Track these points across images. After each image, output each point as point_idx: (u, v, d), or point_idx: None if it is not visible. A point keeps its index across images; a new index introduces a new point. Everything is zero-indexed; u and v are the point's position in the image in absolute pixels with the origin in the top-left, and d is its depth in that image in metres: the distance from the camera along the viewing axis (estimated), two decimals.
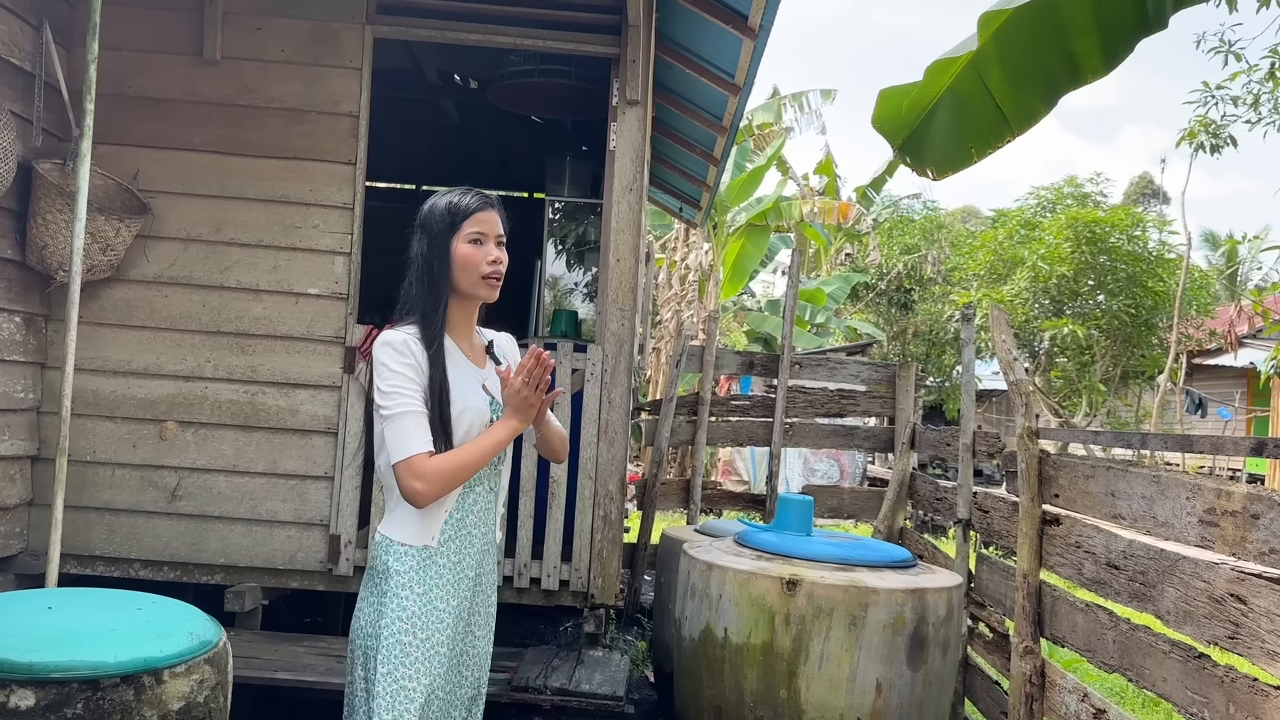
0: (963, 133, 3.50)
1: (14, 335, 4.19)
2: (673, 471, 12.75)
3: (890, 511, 5.44)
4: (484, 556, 2.40)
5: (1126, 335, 15.78)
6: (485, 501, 2.37)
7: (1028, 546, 3.37)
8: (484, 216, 2.29)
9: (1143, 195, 40.89)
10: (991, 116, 3.42)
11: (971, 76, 3.34)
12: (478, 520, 2.35)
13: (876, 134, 3.69)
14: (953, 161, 3.60)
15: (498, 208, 2.34)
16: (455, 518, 2.31)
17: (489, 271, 2.28)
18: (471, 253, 2.27)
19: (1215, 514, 2.43)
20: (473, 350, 2.39)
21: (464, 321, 2.36)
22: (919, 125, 3.56)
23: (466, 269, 2.27)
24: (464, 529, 2.32)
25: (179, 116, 4.52)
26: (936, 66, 3.35)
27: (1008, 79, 3.29)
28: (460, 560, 2.32)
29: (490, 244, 2.29)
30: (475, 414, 2.27)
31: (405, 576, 2.25)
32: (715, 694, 3.35)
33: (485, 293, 2.31)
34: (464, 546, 2.32)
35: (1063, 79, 3.24)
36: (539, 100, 6.34)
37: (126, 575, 4.44)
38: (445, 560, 2.29)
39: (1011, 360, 3.75)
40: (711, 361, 6.17)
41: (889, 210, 25.51)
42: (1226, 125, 10.22)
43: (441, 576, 2.29)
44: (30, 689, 2.18)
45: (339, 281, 4.53)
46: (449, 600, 2.29)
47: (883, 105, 3.58)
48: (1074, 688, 3.13)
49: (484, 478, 2.35)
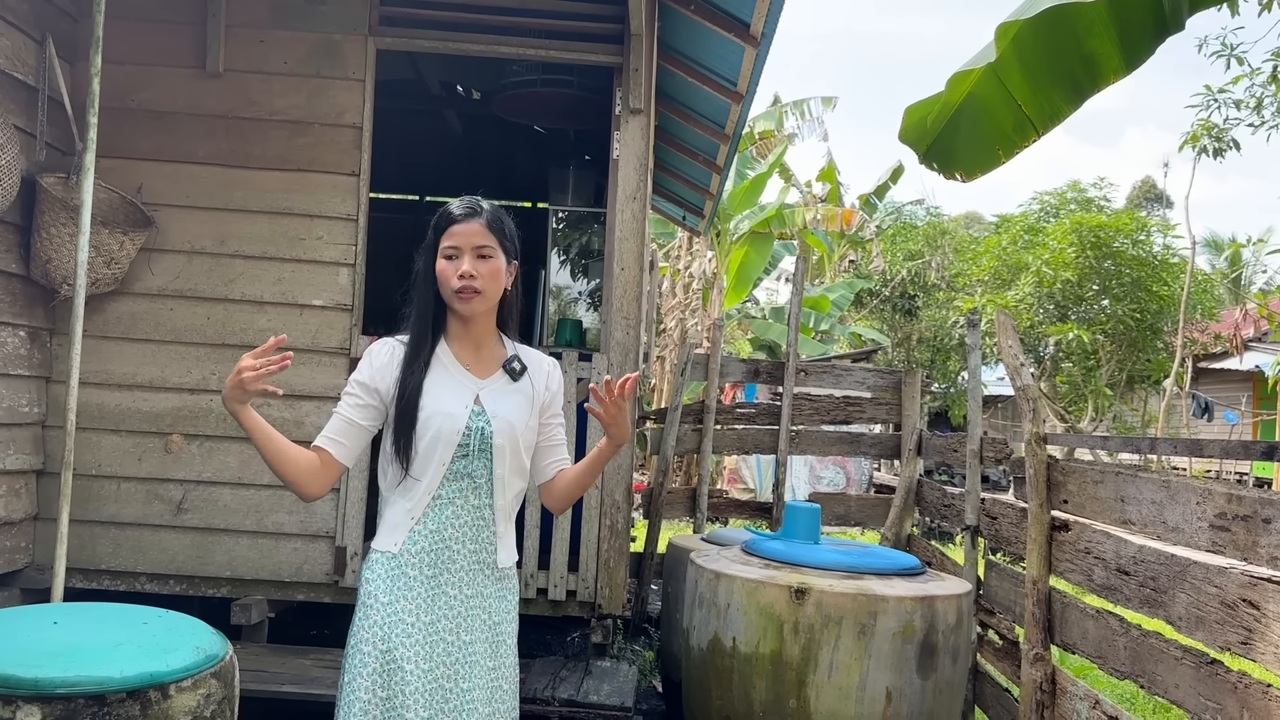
0: (988, 135, 3.54)
1: (19, 349, 4.19)
2: (679, 480, 12.73)
3: (898, 518, 5.42)
4: (474, 578, 2.28)
5: (1131, 340, 15.76)
6: (471, 519, 2.27)
7: (1037, 552, 3.35)
8: (459, 230, 2.23)
9: (1146, 199, 40.85)
10: (1015, 118, 3.45)
11: (993, 82, 3.37)
12: (462, 536, 2.26)
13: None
14: (980, 164, 3.65)
15: (483, 216, 2.26)
16: (429, 529, 2.25)
17: (458, 287, 2.22)
18: (444, 268, 2.24)
19: (1226, 518, 2.41)
20: (478, 360, 2.33)
21: (463, 331, 2.32)
22: (943, 132, 3.61)
23: (442, 284, 2.25)
24: (442, 543, 2.25)
25: (182, 129, 4.53)
26: (957, 77, 3.38)
27: (1029, 82, 3.33)
28: (437, 575, 2.24)
29: (465, 258, 2.22)
30: (445, 419, 2.22)
31: (373, 584, 2.23)
32: (724, 704, 3.33)
33: (459, 307, 2.25)
34: (443, 562, 2.24)
35: (1085, 80, 3.27)
36: (542, 110, 6.34)
37: (132, 589, 4.44)
38: (417, 573, 2.23)
39: (1018, 365, 3.73)
40: (716, 369, 6.17)
41: (892, 217, 25.51)
42: (1229, 129, 10.21)
43: (411, 589, 2.22)
44: (36, 705, 2.16)
45: (343, 293, 4.53)
46: (419, 615, 2.21)
47: (908, 119, 3.64)
48: (1085, 695, 3.11)
49: (461, 493, 2.26)
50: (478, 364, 2.33)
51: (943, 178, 3.83)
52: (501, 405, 2.29)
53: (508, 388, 2.33)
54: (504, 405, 2.29)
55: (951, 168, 3.71)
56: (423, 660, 2.19)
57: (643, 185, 4.59)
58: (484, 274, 2.23)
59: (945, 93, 3.48)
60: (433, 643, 2.21)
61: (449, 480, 2.25)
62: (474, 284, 2.22)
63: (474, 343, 2.34)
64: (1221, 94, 10.04)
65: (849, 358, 14.09)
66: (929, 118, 3.58)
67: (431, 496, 2.25)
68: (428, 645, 2.20)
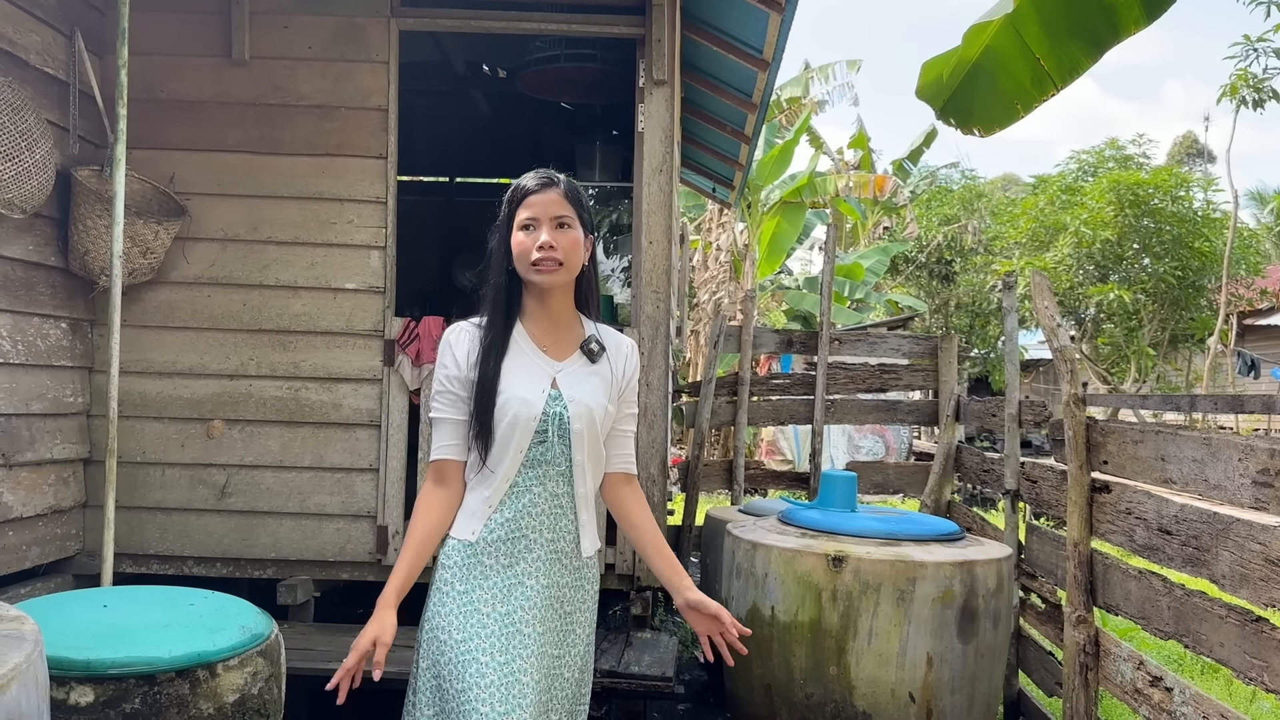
0: (1006, 89, 3.49)
1: (61, 341, 4.27)
2: (716, 453, 12.74)
3: (937, 485, 5.38)
4: (550, 567, 2.21)
5: (1174, 298, 15.51)
6: (549, 507, 2.20)
7: (1077, 515, 3.32)
8: (536, 200, 2.17)
9: (1188, 155, 40.02)
10: (1033, 72, 3.39)
11: (1010, 35, 3.31)
12: (539, 525, 2.19)
13: (918, 103, 3.69)
14: (999, 118, 3.60)
15: (560, 186, 2.20)
16: (505, 517, 2.18)
17: (537, 259, 2.15)
18: (521, 240, 2.17)
19: (1269, 474, 2.37)
20: (555, 341, 2.26)
21: (540, 311, 2.25)
22: (960, 86, 3.56)
23: (519, 258, 2.18)
24: (519, 532, 2.18)
25: (211, 118, 4.57)
26: (974, 30, 3.33)
27: (1047, 35, 3.27)
28: (513, 565, 2.17)
29: (543, 229, 2.16)
30: (521, 405, 2.15)
31: (448, 571, 2.19)
32: (764, 673, 3.35)
33: (538, 279, 2.17)
34: (519, 551, 2.18)
35: (1104, 31, 3.21)
36: (567, 86, 6.32)
37: (180, 573, 4.53)
38: (493, 562, 2.17)
39: (1055, 327, 3.68)
40: (749, 341, 6.14)
41: (926, 181, 25.21)
42: (1269, 78, 9.96)
43: (487, 579, 2.16)
44: (89, 685, 2.22)
45: (375, 275, 4.56)
46: (495, 605, 2.15)
47: (925, 75, 3.59)
48: (1129, 656, 3.08)
49: (539, 480, 2.20)
50: (555, 345, 2.26)
51: (960, 133, 3.78)
52: (579, 389, 2.22)
53: (585, 370, 2.26)
54: (582, 389, 2.22)
55: (969, 123, 3.66)
56: (498, 652, 2.12)
57: (669, 158, 4.56)
58: (564, 245, 2.17)
59: (962, 47, 3.43)
60: (508, 634, 2.14)
61: (526, 468, 2.18)
62: (554, 254, 2.16)
63: (551, 322, 2.26)
64: (1261, 43, 9.81)
65: (884, 325, 13.99)
66: (945, 72, 3.53)
67: (509, 484, 2.18)
68: (503, 638, 2.13)
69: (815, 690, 3.22)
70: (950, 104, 3.62)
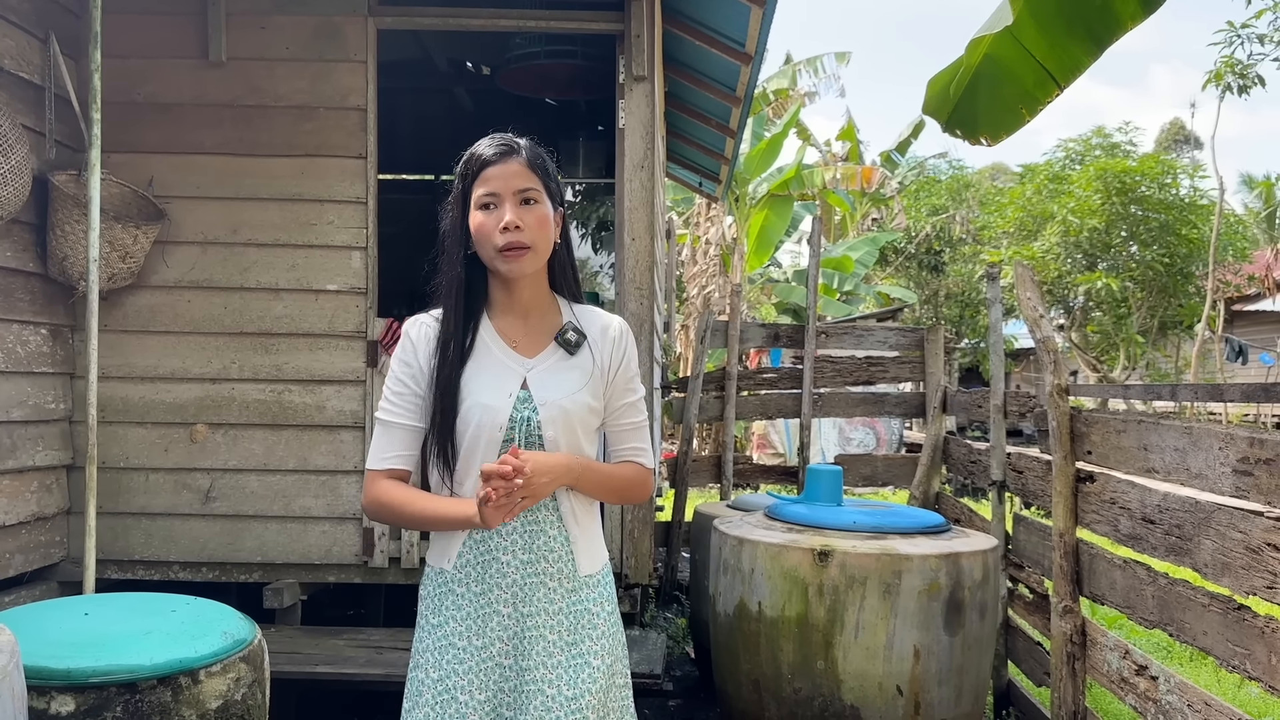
0: (1010, 95, 3.48)
1: (41, 347, 4.24)
2: (707, 448, 12.74)
3: (925, 477, 5.38)
4: (532, 593, 1.89)
5: (1162, 285, 15.55)
6: (522, 527, 1.89)
7: (1063, 505, 3.32)
8: (495, 172, 1.85)
9: (1175, 142, 40.12)
10: (1035, 75, 3.39)
11: (1009, 42, 3.32)
12: (512, 546, 1.89)
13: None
14: (1004, 124, 3.59)
15: (523, 154, 1.88)
16: (475, 539, 1.90)
17: (503, 243, 1.83)
18: (481, 222, 1.85)
19: (1249, 463, 2.37)
20: (527, 334, 1.94)
21: (508, 301, 1.94)
22: (964, 98, 3.56)
23: (480, 242, 1.86)
24: (489, 555, 1.89)
25: (189, 120, 4.54)
26: (974, 43, 3.34)
27: (1046, 37, 3.27)
28: (486, 592, 1.88)
29: (505, 206, 1.84)
30: (484, 412, 1.85)
31: (425, 603, 1.95)
32: (753, 667, 3.34)
33: (504, 268, 1.86)
34: (489, 576, 1.89)
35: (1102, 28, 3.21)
36: (547, 82, 6.30)
37: (166, 578, 4.50)
38: (465, 590, 1.90)
39: (1038, 317, 3.68)
40: (736, 336, 6.14)
41: (914, 172, 25.22)
42: (1254, 64, 9.99)
43: (460, 609, 1.89)
44: (69, 694, 2.20)
45: (357, 276, 4.54)
46: (470, 639, 1.88)
47: (931, 90, 3.61)
48: (1115, 645, 3.09)
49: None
50: (526, 339, 1.94)
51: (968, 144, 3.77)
52: (553, 388, 1.90)
53: (562, 364, 1.93)
54: (556, 388, 1.90)
55: (976, 132, 3.66)
56: (477, 690, 1.87)
57: (650, 153, 4.55)
58: (531, 224, 1.85)
59: (964, 58, 3.44)
60: (487, 669, 1.88)
61: None
62: (521, 237, 1.83)
63: (522, 312, 1.95)
64: (1245, 29, 9.83)
65: (873, 317, 13.99)
66: (950, 85, 3.54)
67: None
68: (482, 673, 1.87)
69: (803, 684, 3.21)
70: (955, 116, 3.61)
